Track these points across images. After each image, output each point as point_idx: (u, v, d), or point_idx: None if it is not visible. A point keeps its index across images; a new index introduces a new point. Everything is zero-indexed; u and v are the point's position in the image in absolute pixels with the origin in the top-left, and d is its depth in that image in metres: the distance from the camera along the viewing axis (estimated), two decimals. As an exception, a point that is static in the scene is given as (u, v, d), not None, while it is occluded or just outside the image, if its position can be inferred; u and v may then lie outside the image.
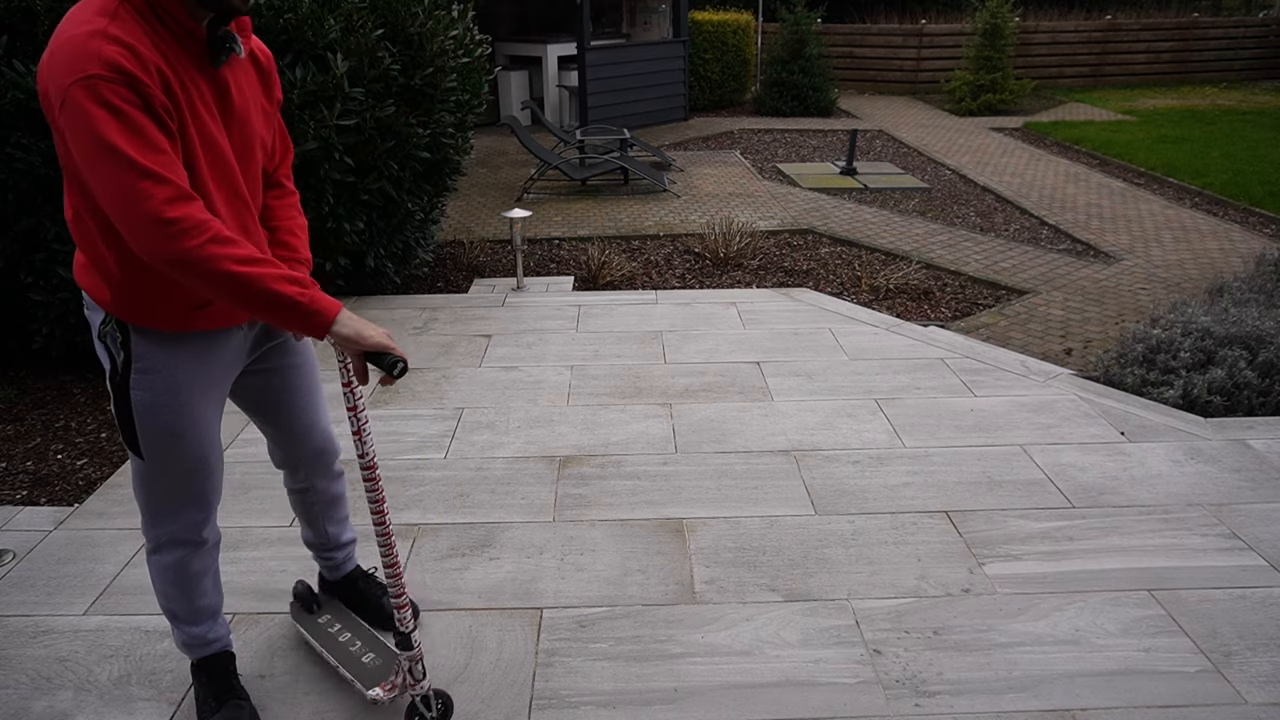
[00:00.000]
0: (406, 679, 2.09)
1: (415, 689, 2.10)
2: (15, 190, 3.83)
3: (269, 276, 1.67)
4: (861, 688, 2.29)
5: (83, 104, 1.55)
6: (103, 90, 1.55)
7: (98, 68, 1.55)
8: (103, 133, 1.55)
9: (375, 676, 2.18)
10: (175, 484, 1.95)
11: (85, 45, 1.56)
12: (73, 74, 1.55)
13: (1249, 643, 2.43)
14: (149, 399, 1.87)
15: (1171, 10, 18.90)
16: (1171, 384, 3.90)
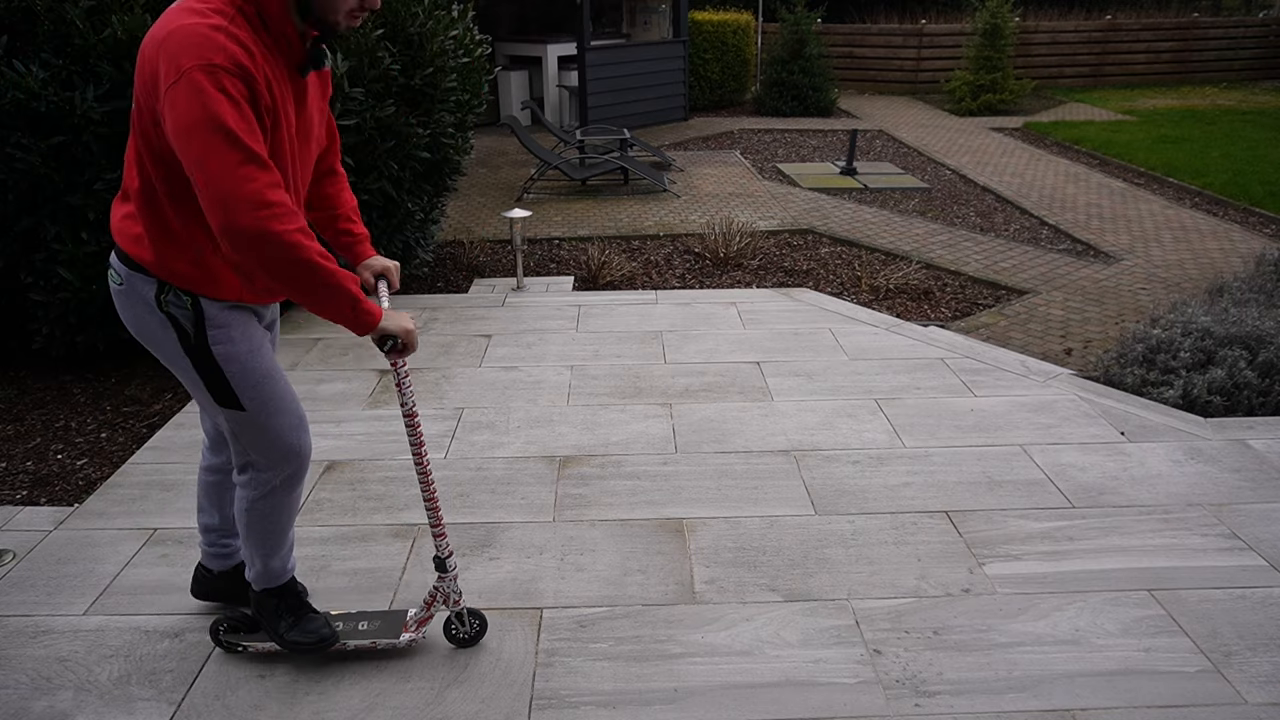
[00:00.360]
0: (443, 598, 2.33)
1: (454, 607, 2.33)
2: (15, 190, 3.83)
3: (341, 274, 1.83)
4: (861, 688, 2.29)
5: (203, 86, 1.66)
6: (223, 79, 1.68)
7: (222, 59, 1.68)
8: (220, 114, 1.67)
9: (391, 630, 2.35)
10: (285, 418, 2.09)
11: (211, 36, 1.69)
12: (196, 58, 1.67)
13: (1249, 643, 2.43)
14: (231, 350, 1.99)
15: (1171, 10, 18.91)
16: (1171, 384, 3.90)
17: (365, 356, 4.39)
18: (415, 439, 2.21)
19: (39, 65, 3.75)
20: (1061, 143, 10.90)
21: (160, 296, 1.94)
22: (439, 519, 2.28)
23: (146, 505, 3.12)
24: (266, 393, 2.05)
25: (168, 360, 2.03)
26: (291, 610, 2.32)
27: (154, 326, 1.98)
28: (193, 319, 1.95)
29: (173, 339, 1.97)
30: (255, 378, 2.03)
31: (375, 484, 3.25)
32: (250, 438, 2.09)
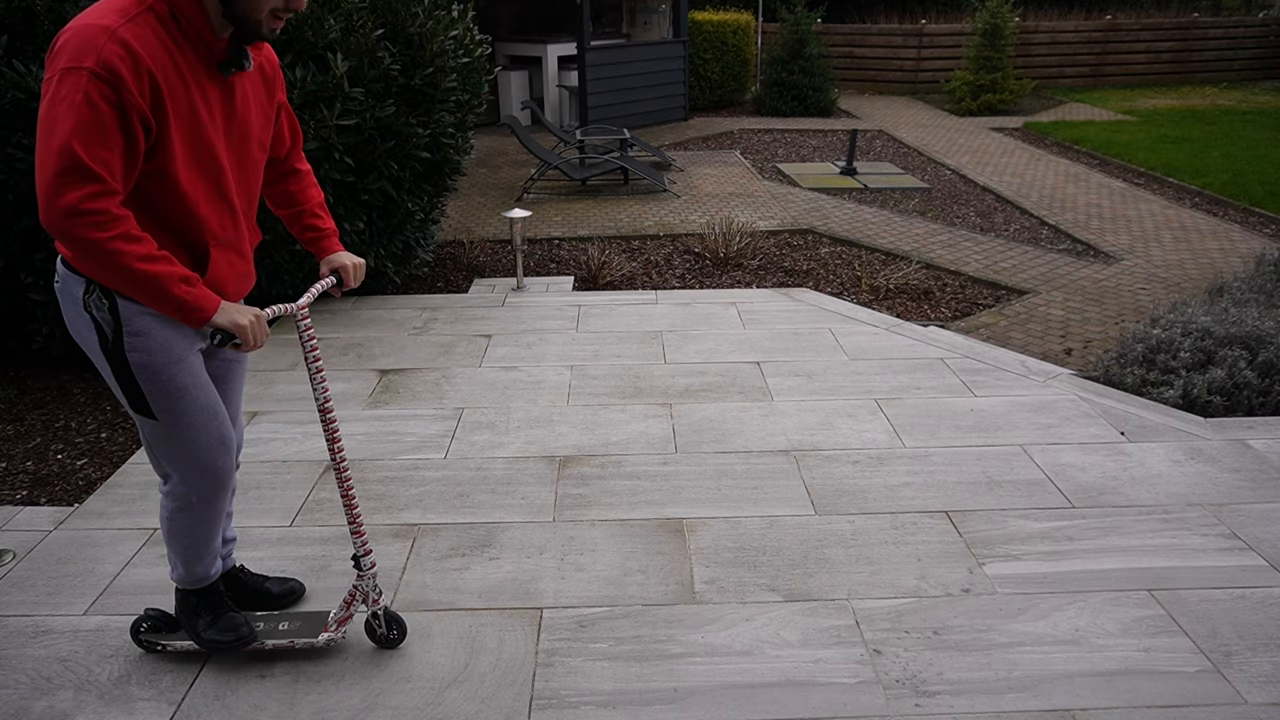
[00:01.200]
0: (361, 597, 2.33)
1: (373, 606, 2.34)
2: (15, 190, 3.83)
3: (165, 275, 1.82)
4: (861, 688, 2.29)
5: (65, 89, 1.70)
6: (87, 83, 1.70)
7: (91, 62, 1.70)
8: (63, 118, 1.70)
9: (311, 630, 2.37)
10: (197, 434, 2.07)
11: (93, 38, 1.71)
12: (70, 60, 1.71)
13: (1249, 643, 2.43)
14: (146, 359, 1.97)
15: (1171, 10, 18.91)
16: (1171, 384, 3.90)
17: (365, 356, 4.39)
18: (332, 434, 2.22)
19: (39, 65, 3.75)
20: (1061, 143, 10.90)
21: (85, 297, 1.94)
22: (356, 516, 2.28)
23: (146, 505, 3.12)
24: (182, 406, 2.02)
25: (95, 361, 2.03)
26: (210, 609, 2.32)
27: (80, 326, 1.98)
28: (111, 322, 1.94)
29: (94, 340, 1.98)
30: (170, 389, 2.00)
31: (375, 484, 3.25)
32: (164, 449, 2.08)
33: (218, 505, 2.20)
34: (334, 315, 4.94)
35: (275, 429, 3.65)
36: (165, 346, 1.98)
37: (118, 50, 1.72)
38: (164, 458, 2.10)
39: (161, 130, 1.82)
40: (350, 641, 2.46)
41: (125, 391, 2.01)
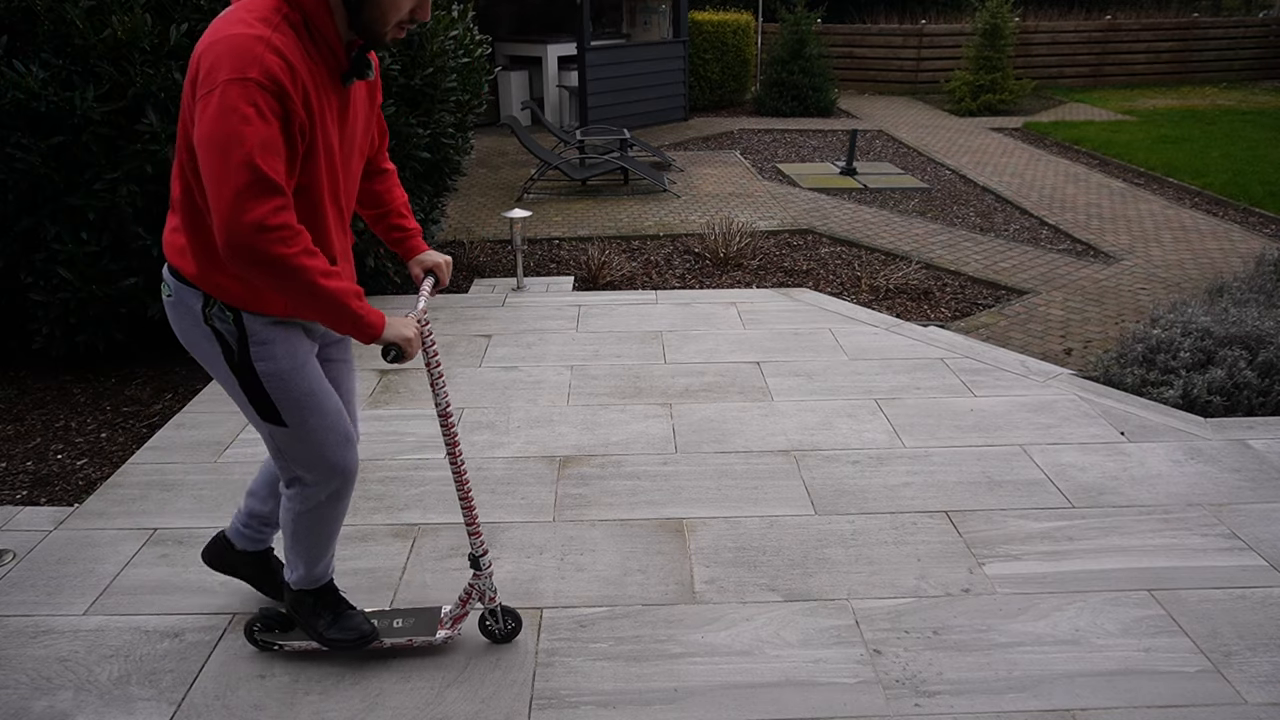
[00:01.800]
0: (478, 595, 2.35)
1: (489, 604, 2.36)
2: (15, 190, 3.83)
3: (344, 291, 1.82)
4: (861, 688, 2.29)
5: (234, 100, 1.65)
6: (255, 94, 1.67)
7: (257, 73, 1.67)
8: (242, 133, 1.66)
9: (427, 627, 2.38)
10: (325, 435, 2.08)
11: (250, 48, 1.68)
12: (233, 71, 1.66)
13: (1249, 643, 2.43)
14: (273, 367, 1.98)
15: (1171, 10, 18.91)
16: (1171, 384, 3.90)
17: (366, 356, 4.39)
18: (450, 438, 2.21)
19: (39, 65, 3.75)
20: (1061, 143, 10.90)
21: (205, 310, 1.94)
22: (474, 517, 2.29)
23: (146, 505, 3.12)
24: (308, 409, 2.03)
25: (214, 373, 2.03)
26: (329, 608, 2.33)
27: (200, 339, 1.98)
28: (236, 334, 1.94)
29: (218, 353, 1.97)
30: (297, 394, 2.01)
31: (375, 484, 3.25)
32: (294, 454, 2.08)
33: (343, 503, 2.21)
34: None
35: (275, 429, 3.65)
36: (290, 353, 1.99)
37: (277, 60, 1.69)
38: (295, 462, 2.10)
39: (311, 142, 1.82)
40: (350, 641, 2.46)
41: (254, 402, 2.01)
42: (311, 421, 2.04)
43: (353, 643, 2.31)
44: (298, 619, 2.35)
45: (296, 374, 2.00)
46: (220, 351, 1.97)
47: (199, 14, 4.08)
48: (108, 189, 3.92)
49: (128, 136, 3.94)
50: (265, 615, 2.38)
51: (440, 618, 2.41)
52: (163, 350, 4.59)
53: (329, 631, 2.31)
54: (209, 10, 4.08)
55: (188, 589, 2.68)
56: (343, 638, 2.31)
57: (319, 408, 2.05)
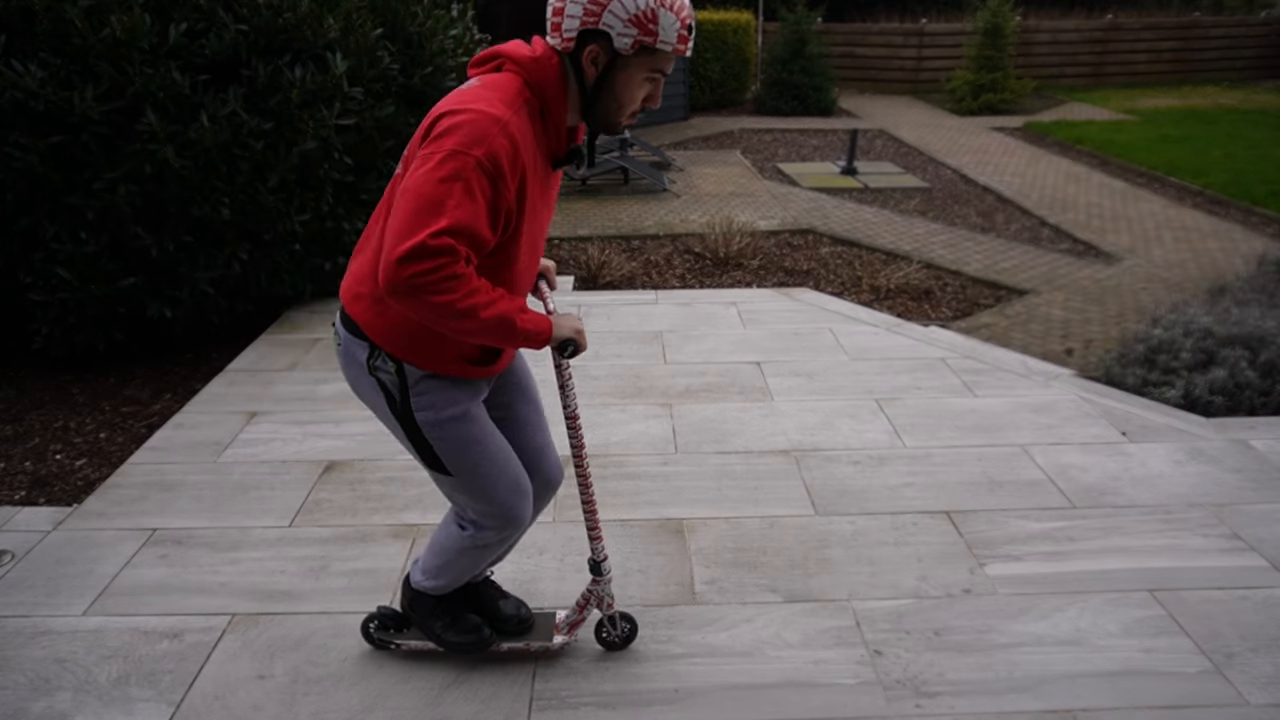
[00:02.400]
0: (596, 601, 2.32)
1: (607, 610, 2.34)
2: (14, 190, 3.83)
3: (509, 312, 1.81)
4: (862, 689, 2.28)
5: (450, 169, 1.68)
6: (472, 173, 1.69)
7: (481, 153, 1.70)
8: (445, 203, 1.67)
9: (543, 632, 2.38)
10: (493, 483, 2.05)
11: (486, 129, 1.71)
12: (461, 144, 1.69)
13: (1250, 643, 2.42)
14: (434, 416, 1.97)
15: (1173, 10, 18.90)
16: (1173, 384, 3.89)
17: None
18: (576, 441, 2.19)
19: (38, 64, 3.75)
20: (1062, 142, 10.89)
21: (370, 361, 1.94)
22: (596, 522, 2.25)
23: (146, 505, 3.12)
24: (474, 458, 2.01)
25: (383, 421, 2.04)
26: (448, 610, 2.33)
27: (366, 388, 1.99)
28: (398, 384, 1.95)
29: (382, 402, 1.98)
30: (460, 443, 2.00)
31: (375, 484, 3.25)
32: (463, 501, 2.08)
33: (509, 544, 2.22)
34: (334, 315, 4.94)
35: (275, 429, 3.65)
36: (451, 401, 1.98)
37: (506, 146, 1.72)
38: (465, 508, 2.10)
39: (516, 224, 1.83)
40: (349, 642, 2.45)
41: (418, 450, 2.01)
42: (481, 469, 2.03)
43: (470, 645, 2.31)
44: (414, 618, 2.34)
45: (458, 423, 1.99)
46: (384, 400, 1.97)
47: (199, 14, 4.08)
48: (107, 189, 3.92)
49: (126, 136, 3.93)
50: (381, 614, 2.38)
51: (556, 623, 2.39)
52: (162, 350, 4.59)
53: (446, 633, 2.31)
54: (208, 10, 4.08)
55: (187, 589, 2.67)
56: (461, 640, 2.31)
57: (483, 456, 2.03)
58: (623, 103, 1.84)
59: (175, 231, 4.13)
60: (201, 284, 4.25)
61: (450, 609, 2.33)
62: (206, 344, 4.67)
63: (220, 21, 4.07)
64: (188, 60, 4.04)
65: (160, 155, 3.90)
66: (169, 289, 4.23)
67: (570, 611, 2.38)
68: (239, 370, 4.22)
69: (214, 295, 4.42)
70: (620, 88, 1.82)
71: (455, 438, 1.99)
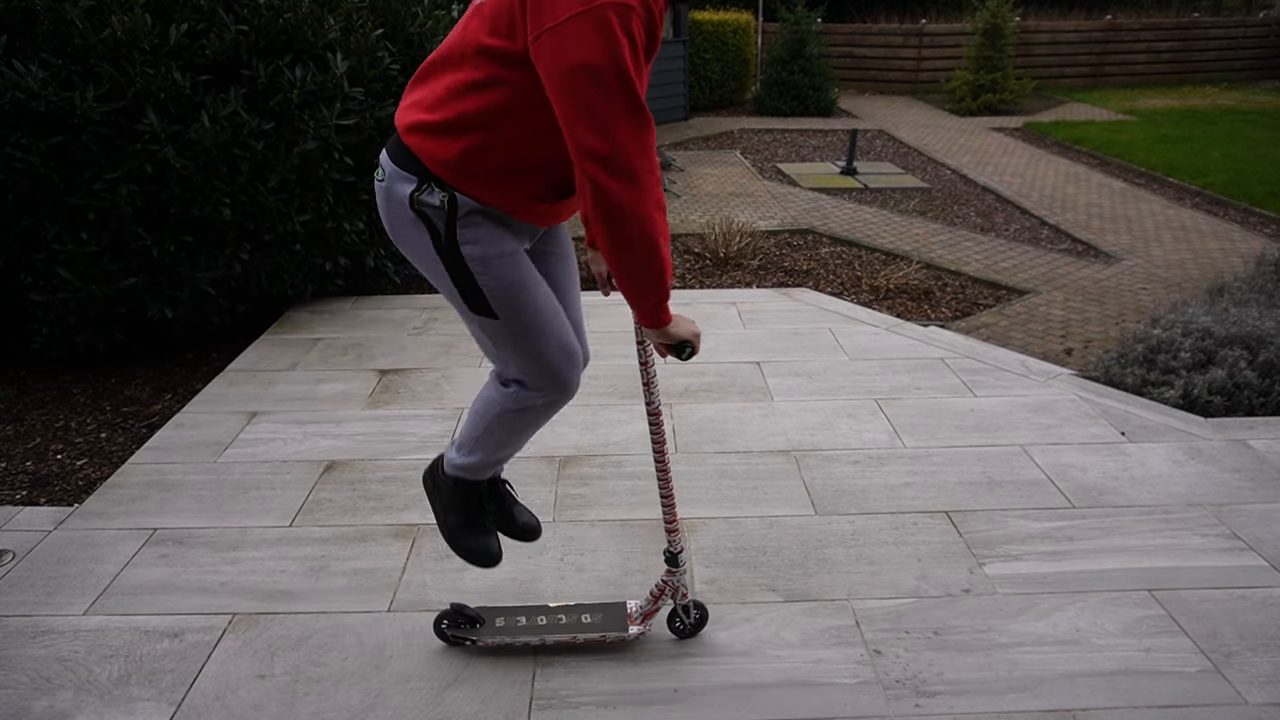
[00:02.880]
0: (671, 591, 2.33)
1: (681, 600, 2.35)
2: (15, 190, 3.83)
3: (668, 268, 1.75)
4: (862, 688, 2.29)
5: (612, 27, 1.56)
6: (632, 22, 1.58)
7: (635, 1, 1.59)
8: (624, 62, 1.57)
9: (617, 623, 2.38)
10: (543, 336, 1.97)
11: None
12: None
13: (1250, 643, 2.43)
14: (481, 251, 1.87)
15: (1172, 10, 18.91)
16: (1172, 384, 3.90)
17: (365, 356, 4.39)
18: (658, 435, 2.19)
19: (38, 65, 3.75)
20: (1062, 143, 10.90)
21: (415, 194, 1.84)
22: (674, 515, 2.27)
23: (146, 505, 3.12)
24: (523, 301, 1.91)
25: (422, 265, 1.94)
26: (470, 509, 2.24)
27: (407, 227, 1.89)
28: (445, 215, 1.84)
29: (425, 240, 1.88)
30: (508, 282, 1.89)
31: (375, 484, 3.25)
32: (510, 353, 1.97)
33: (554, 412, 2.10)
34: (334, 315, 4.94)
35: (275, 429, 3.65)
36: (499, 239, 1.88)
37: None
38: (512, 362, 1.99)
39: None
40: (349, 642, 2.46)
41: (462, 290, 1.90)
42: (525, 315, 1.92)
43: (480, 556, 2.21)
44: (433, 499, 2.27)
45: (506, 260, 1.89)
46: (428, 238, 1.87)
47: (199, 14, 4.08)
48: (107, 189, 3.92)
49: (127, 136, 3.94)
50: (454, 610, 2.38)
51: (629, 613, 2.40)
52: (163, 350, 4.59)
53: (460, 532, 2.21)
54: (209, 10, 4.08)
55: (188, 589, 2.68)
56: (474, 548, 2.20)
57: (532, 301, 1.93)
58: None
59: (176, 231, 4.13)
60: (202, 284, 4.26)
61: (472, 507, 2.23)
62: (207, 344, 4.67)
63: (221, 22, 4.07)
64: (188, 60, 4.04)
65: (161, 155, 3.90)
66: (169, 289, 4.24)
67: (644, 602, 2.38)
68: (239, 370, 4.22)
69: (214, 295, 4.42)
70: None
71: (504, 277, 1.89)
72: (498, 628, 2.40)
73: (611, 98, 1.59)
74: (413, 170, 1.85)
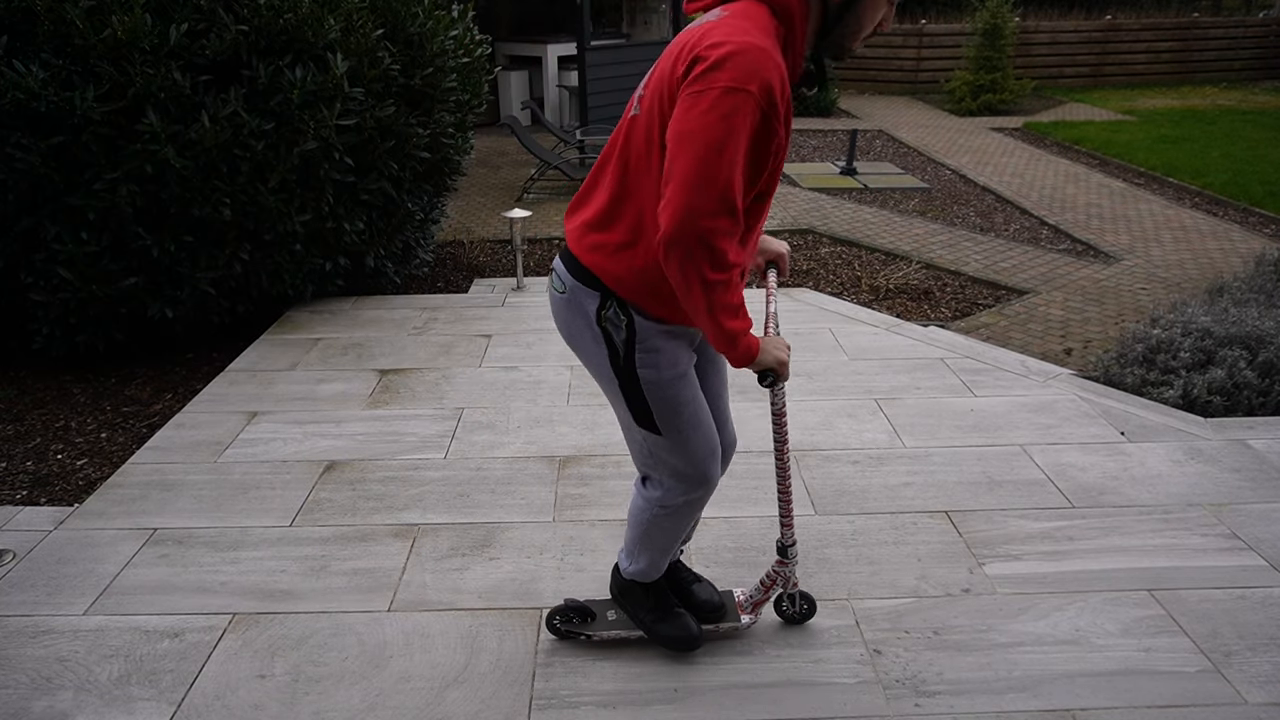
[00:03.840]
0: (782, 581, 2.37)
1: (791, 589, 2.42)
2: (15, 190, 3.83)
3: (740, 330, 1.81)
4: (861, 688, 2.29)
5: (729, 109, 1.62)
6: (752, 112, 1.63)
7: (756, 88, 1.62)
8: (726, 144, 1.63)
9: (730, 614, 2.43)
10: (696, 445, 2.05)
11: (759, 62, 1.63)
12: (735, 80, 1.62)
13: (1249, 643, 2.43)
14: (655, 375, 1.96)
15: (1171, 10, 18.91)
16: (1171, 384, 3.90)
17: (365, 356, 4.39)
18: (781, 436, 2.20)
19: (39, 65, 3.75)
20: (1061, 143, 10.90)
21: (601, 312, 1.92)
22: (790, 510, 2.29)
23: (146, 505, 3.12)
24: (684, 419, 2.01)
25: (596, 373, 2.02)
26: (658, 603, 2.35)
27: (587, 340, 1.97)
28: (625, 339, 1.93)
29: (603, 356, 1.97)
30: (675, 404, 1.99)
31: (375, 484, 3.25)
32: (662, 460, 2.08)
33: (700, 510, 2.20)
34: (334, 315, 4.94)
35: (275, 429, 3.65)
36: (673, 362, 1.97)
37: (778, 79, 1.65)
38: (662, 468, 2.09)
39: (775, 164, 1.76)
40: (349, 641, 2.46)
41: (631, 406, 2.00)
42: (685, 432, 2.02)
43: (680, 641, 2.33)
44: (624, 606, 2.38)
45: (676, 383, 1.98)
46: (606, 354, 1.96)
47: (199, 14, 4.08)
48: (108, 189, 3.92)
49: (128, 136, 3.94)
50: (567, 606, 2.40)
51: (739, 601, 2.44)
52: (163, 350, 4.59)
53: (657, 625, 2.33)
54: (209, 10, 4.09)
55: (188, 589, 2.68)
56: (671, 634, 2.33)
57: (694, 419, 2.03)
58: (863, 25, 1.78)
59: (176, 231, 4.13)
60: (202, 284, 4.26)
61: (660, 601, 2.34)
62: (207, 344, 4.67)
63: (221, 22, 4.07)
64: (189, 61, 4.04)
65: (161, 155, 3.90)
66: (170, 289, 4.24)
67: (754, 590, 2.41)
68: (239, 370, 4.22)
69: (214, 295, 4.42)
70: (865, 9, 1.76)
71: (672, 398, 1.98)
72: (610, 621, 2.43)
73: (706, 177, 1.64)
74: (595, 287, 1.92)
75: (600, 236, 1.90)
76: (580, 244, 1.94)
